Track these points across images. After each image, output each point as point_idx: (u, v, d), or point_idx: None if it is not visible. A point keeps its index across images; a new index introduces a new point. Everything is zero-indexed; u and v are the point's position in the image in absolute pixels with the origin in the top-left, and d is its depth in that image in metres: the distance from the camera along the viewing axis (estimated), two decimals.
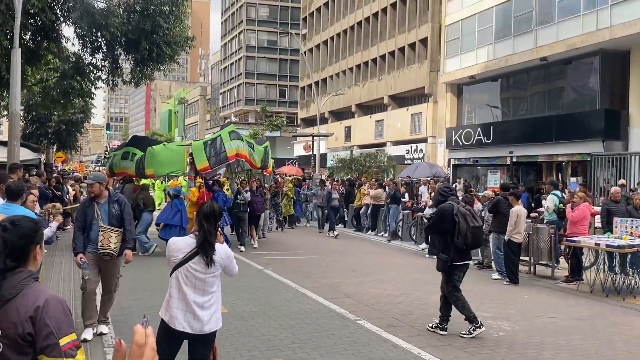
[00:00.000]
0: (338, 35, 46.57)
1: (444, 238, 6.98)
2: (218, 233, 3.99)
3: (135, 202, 12.31)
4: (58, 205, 7.78)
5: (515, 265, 10.49)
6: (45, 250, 8.65)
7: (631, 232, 9.84)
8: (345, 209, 20.41)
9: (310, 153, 36.83)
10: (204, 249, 3.85)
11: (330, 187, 19.37)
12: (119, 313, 7.39)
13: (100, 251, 6.24)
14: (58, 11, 17.23)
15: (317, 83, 46.84)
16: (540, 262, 11.40)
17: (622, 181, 16.77)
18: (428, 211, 14.17)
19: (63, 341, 2.12)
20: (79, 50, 19.15)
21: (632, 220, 10.20)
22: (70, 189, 17.44)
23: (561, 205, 12.09)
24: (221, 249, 3.96)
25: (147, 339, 1.63)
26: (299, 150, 49.74)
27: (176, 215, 12.28)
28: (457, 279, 7.01)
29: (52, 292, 2.27)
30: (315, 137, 31.16)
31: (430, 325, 7.10)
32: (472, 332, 6.78)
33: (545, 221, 12.57)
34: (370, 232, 18.33)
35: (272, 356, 5.90)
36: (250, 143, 14.09)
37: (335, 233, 17.35)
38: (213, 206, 3.97)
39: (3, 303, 2.14)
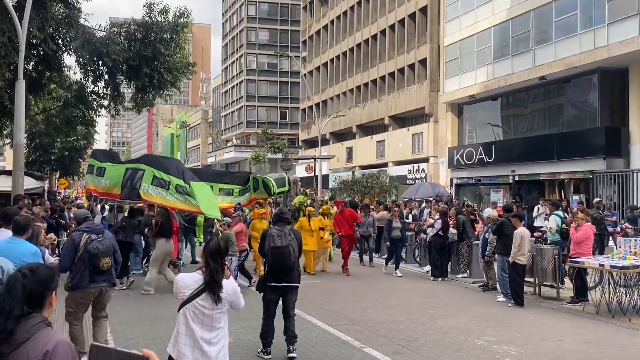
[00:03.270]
0: (338, 57, 46.99)
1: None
2: (225, 268, 4.02)
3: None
4: (51, 236, 7.89)
5: (520, 287, 10.45)
6: None
7: (635, 252, 9.81)
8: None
9: (313, 174, 36.90)
10: (211, 287, 3.88)
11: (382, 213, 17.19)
12: (124, 344, 7.37)
13: None
14: (60, 41, 17.48)
15: (317, 105, 47.14)
16: (545, 283, 11.35)
17: (596, 200, 16.83)
18: (430, 231, 14.15)
19: None
20: (81, 78, 19.37)
21: (635, 240, 10.19)
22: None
23: (564, 225, 12.08)
24: (228, 285, 3.98)
25: None
26: (300, 171, 49.86)
27: None
28: (268, 298, 7.07)
29: (62, 337, 2.33)
30: (316, 159, 31.22)
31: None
32: (259, 353, 7.06)
33: (548, 242, 12.56)
34: (374, 254, 18.25)
35: None
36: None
37: (400, 274, 14.25)
38: (219, 243, 3.99)
39: (15, 347, 2.20)
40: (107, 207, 16.66)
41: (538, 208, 18.93)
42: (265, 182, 14.28)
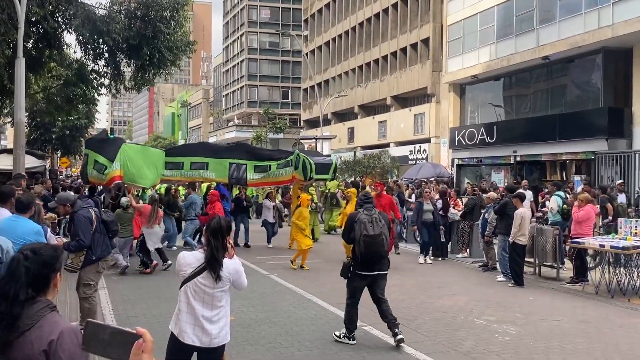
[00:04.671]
0: (340, 36, 46.61)
1: (354, 246, 6.72)
2: (229, 247, 4.02)
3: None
4: (50, 215, 7.95)
5: (520, 267, 10.50)
6: None
7: (636, 233, 9.83)
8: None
9: None
10: (211, 266, 3.89)
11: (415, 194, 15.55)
12: (126, 322, 7.44)
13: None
14: (59, 19, 17.30)
15: (319, 84, 46.89)
16: (545, 263, 11.40)
17: (619, 181, 16.53)
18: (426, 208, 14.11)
19: None
20: (81, 57, 19.23)
21: (636, 221, 10.21)
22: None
23: (565, 206, 12.09)
24: (230, 265, 3.99)
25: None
26: None
27: None
28: (356, 285, 6.73)
29: (68, 324, 2.24)
30: (318, 139, 31.18)
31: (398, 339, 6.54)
32: (341, 337, 6.70)
33: (549, 222, 12.58)
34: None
35: None
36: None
37: (430, 259, 13.22)
38: (220, 222, 3.99)
39: (19, 335, 2.11)
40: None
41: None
42: (305, 163, 13.39)
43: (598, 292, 9.70)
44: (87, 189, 14.21)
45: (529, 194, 15.28)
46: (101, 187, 13.21)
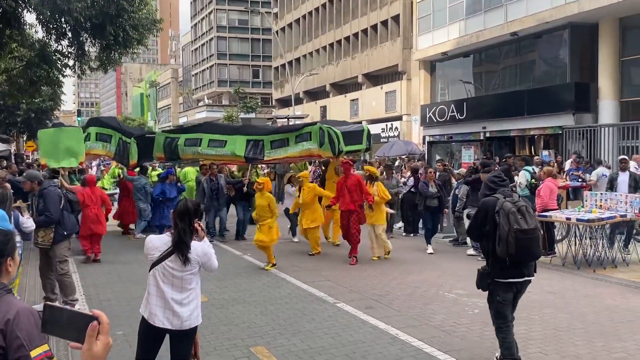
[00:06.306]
0: (310, 13, 46.15)
1: (489, 245, 5.17)
2: (200, 229, 3.99)
3: None
4: (20, 202, 7.79)
5: None
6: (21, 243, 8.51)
7: (600, 206, 10.08)
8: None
9: None
10: (179, 248, 3.86)
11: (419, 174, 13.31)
12: (98, 306, 7.37)
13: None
14: None
15: (290, 63, 46.51)
16: None
17: (622, 157, 15.83)
18: (403, 189, 14.24)
19: (34, 353, 2.09)
20: (43, 37, 18.70)
21: (601, 194, 10.46)
22: None
23: (533, 180, 12.30)
24: (198, 247, 3.96)
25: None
26: None
27: None
28: (500, 300, 5.18)
29: (24, 304, 2.25)
30: (290, 119, 31.00)
31: None
32: None
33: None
34: None
35: (253, 344, 5.96)
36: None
37: (430, 249, 11.46)
38: (187, 204, 3.95)
39: None
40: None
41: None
42: (331, 135, 11.17)
43: (565, 263, 9.95)
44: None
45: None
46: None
